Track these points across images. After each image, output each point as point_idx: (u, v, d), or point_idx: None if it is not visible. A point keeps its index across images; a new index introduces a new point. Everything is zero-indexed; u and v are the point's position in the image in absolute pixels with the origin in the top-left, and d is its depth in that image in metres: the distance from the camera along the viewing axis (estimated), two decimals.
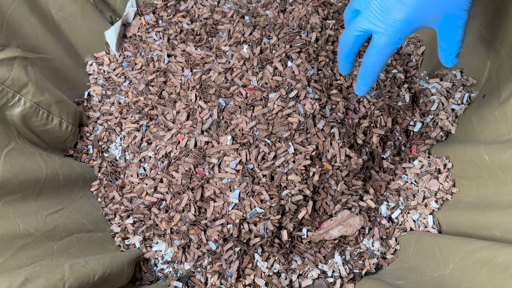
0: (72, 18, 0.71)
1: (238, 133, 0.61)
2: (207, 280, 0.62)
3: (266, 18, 0.71)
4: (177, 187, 0.62)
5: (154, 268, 0.65)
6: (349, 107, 0.64)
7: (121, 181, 0.68)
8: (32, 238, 0.53)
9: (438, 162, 0.65)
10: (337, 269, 0.62)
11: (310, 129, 0.60)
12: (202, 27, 0.73)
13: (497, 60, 0.61)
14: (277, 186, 0.59)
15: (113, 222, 0.67)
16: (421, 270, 0.56)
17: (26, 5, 0.64)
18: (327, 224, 0.62)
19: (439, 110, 0.68)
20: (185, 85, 0.67)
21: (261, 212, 0.58)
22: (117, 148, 0.71)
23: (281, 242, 0.61)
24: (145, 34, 0.76)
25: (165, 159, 0.64)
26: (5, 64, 0.59)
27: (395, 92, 0.67)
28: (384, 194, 0.65)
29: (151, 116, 0.68)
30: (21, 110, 0.61)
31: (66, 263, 0.50)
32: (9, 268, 0.48)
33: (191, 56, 0.69)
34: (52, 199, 0.60)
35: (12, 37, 0.62)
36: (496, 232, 0.51)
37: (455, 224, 0.59)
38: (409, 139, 0.68)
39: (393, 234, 0.64)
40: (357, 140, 0.63)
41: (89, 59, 0.76)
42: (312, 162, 0.60)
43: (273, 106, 0.61)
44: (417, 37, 0.73)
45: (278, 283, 0.61)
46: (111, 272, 0.55)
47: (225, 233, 0.59)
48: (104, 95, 0.75)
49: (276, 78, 0.63)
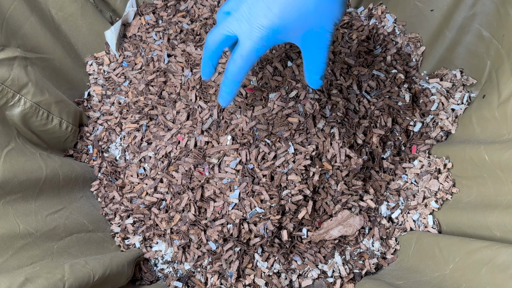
0: (72, 18, 0.71)
1: (238, 133, 0.61)
2: (207, 280, 0.62)
3: None
4: (177, 187, 0.62)
5: (154, 268, 0.65)
6: (349, 107, 0.64)
7: (121, 181, 0.68)
8: (32, 238, 0.53)
9: (438, 162, 0.65)
10: (337, 269, 0.62)
11: (310, 129, 0.60)
12: (202, 27, 0.73)
13: (497, 60, 0.61)
14: (277, 186, 0.59)
15: (113, 222, 0.67)
16: (421, 270, 0.56)
17: (26, 5, 0.64)
18: (327, 224, 0.62)
19: (439, 110, 0.68)
20: (185, 85, 0.67)
21: (261, 212, 0.58)
22: (117, 148, 0.71)
23: (281, 242, 0.61)
24: (145, 34, 0.76)
25: (165, 159, 0.64)
26: (5, 64, 0.59)
27: (395, 92, 0.67)
28: (384, 194, 0.65)
29: (151, 116, 0.68)
30: (21, 110, 0.61)
31: (66, 263, 0.50)
32: (9, 268, 0.48)
33: (191, 56, 0.69)
34: (52, 199, 0.60)
35: (12, 37, 0.62)
36: (496, 232, 0.51)
37: (455, 224, 0.59)
38: (409, 139, 0.68)
39: (393, 234, 0.64)
40: (357, 140, 0.63)
41: (89, 59, 0.76)
42: (312, 162, 0.60)
43: (273, 106, 0.61)
44: (417, 37, 0.73)
45: (278, 283, 0.61)
46: (111, 272, 0.55)
47: (225, 233, 0.59)
48: (104, 95, 0.75)
49: (276, 78, 0.63)
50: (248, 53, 0.44)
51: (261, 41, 0.43)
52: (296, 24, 0.42)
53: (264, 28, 0.42)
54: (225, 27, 0.45)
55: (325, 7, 0.42)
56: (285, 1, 0.41)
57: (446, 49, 0.69)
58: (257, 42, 0.43)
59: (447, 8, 0.66)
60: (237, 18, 0.44)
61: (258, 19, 0.42)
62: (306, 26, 0.43)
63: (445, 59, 0.70)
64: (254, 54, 0.44)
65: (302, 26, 0.43)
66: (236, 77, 0.46)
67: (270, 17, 0.42)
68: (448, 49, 0.69)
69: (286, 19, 0.42)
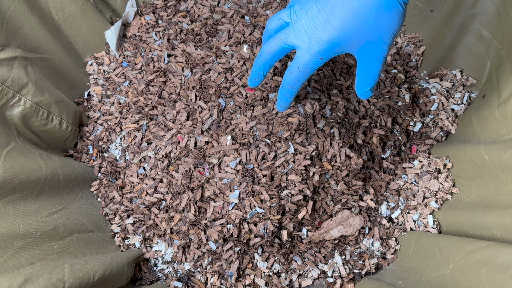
0: (72, 18, 0.71)
1: (238, 133, 0.61)
2: (207, 280, 0.62)
3: (266, 18, 0.71)
4: (177, 187, 0.62)
5: (154, 268, 0.65)
6: (349, 107, 0.64)
7: (121, 181, 0.68)
8: (32, 238, 0.53)
9: (438, 162, 0.65)
10: (337, 269, 0.62)
11: (310, 129, 0.60)
12: (202, 27, 0.73)
13: (497, 60, 0.61)
14: (277, 186, 0.59)
15: (113, 222, 0.67)
16: (421, 270, 0.56)
17: (26, 5, 0.64)
18: (327, 224, 0.62)
19: (439, 110, 0.68)
20: (185, 85, 0.67)
21: (261, 212, 0.58)
22: (117, 148, 0.71)
23: (281, 242, 0.61)
24: (145, 34, 0.76)
25: (165, 159, 0.64)
26: (5, 64, 0.59)
27: (395, 92, 0.67)
28: (384, 194, 0.65)
29: (151, 116, 0.68)
30: (21, 110, 0.61)
31: (66, 263, 0.50)
32: (9, 268, 0.48)
33: (191, 56, 0.69)
34: (52, 199, 0.60)
35: (12, 37, 0.62)
36: (496, 232, 0.51)
37: (455, 224, 0.59)
38: (409, 139, 0.68)
39: (393, 234, 0.64)
40: (357, 140, 0.63)
41: (89, 59, 0.76)
42: (312, 162, 0.60)
43: (273, 106, 0.61)
44: (417, 37, 0.73)
45: (278, 283, 0.61)
46: (111, 272, 0.55)
47: (225, 233, 0.59)
48: (104, 95, 0.75)
49: (276, 78, 0.63)
50: (305, 66, 0.45)
51: (319, 54, 0.43)
52: (355, 37, 0.42)
53: (323, 42, 0.42)
54: (282, 38, 0.45)
55: (385, 19, 0.41)
56: (344, 15, 0.41)
57: (446, 49, 0.69)
58: (315, 56, 0.43)
59: (447, 8, 0.66)
60: (296, 30, 0.44)
61: (317, 33, 0.42)
62: (365, 38, 0.42)
63: (445, 59, 0.70)
64: (310, 67, 0.45)
65: (360, 39, 0.42)
66: (292, 87, 0.47)
67: (329, 31, 0.42)
68: (448, 49, 0.69)
69: (345, 32, 0.42)
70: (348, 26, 0.41)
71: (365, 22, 0.41)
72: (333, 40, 0.42)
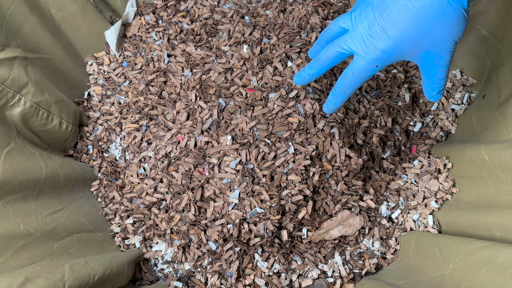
0: (72, 18, 0.71)
1: (238, 133, 0.61)
2: (207, 280, 0.62)
3: (266, 18, 0.71)
4: (177, 187, 0.62)
5: (154, 268, 0.65)
6: (349, 107, 0.64)
7: (121, 181, 0.68)
8: (32, 238, 0.53)
9: (438, 162, 0.65)
10: (337, 269, 0.62)
11: (310, 129, 0.60)
12: (202, 27, 0.73)
13: (497, 60, 0.61)
14: (277, 186, 0.59)
15: (113, 222, 0.67)
16: (421, 270, 0.56)
17: (26, 5, 0.64)
18: (327, 224, 0.62)
19: (439, 110, 0.68)
20: (185, 85, 0.67)
21: (261, 212, 0.58)
22: (117, 148, 0.71)
23: (281, 242, 0.61)
24: (145, 34, 0.76)
25: (165, 159, 0.64)
26: (5, 64, 0.59)
27: (395, 92, 0.67)
28: (384, 194, 0.65)
29: (151, 116, 0.68)
30: (21, 110, 0.61)
31: (66, 263, 0.50)
32: (9, 268, 0.48)
33: (191, 56, 0.69)
34: (52, 199, 0.60)
35: (12, 37, 0.62)
36: (496, 232, 0.51)
37: (455, 224, 0.59)
38: (409, 139, 0.68)
39: (393, 234, 0.64)
40: (357, 140, 0.63)
41: (89, 59, 0.76)
42: (312, 162, 0.60)
43: (273, 106, 0.61)
44: None
45: (278, 283, 0.61)
46: (111, 272, 0.55)
47: (225, 233, 0.59)
48: (104, 95, 0.75)
49: (276, 78, 0.63)
50: (359, 72, 0.45)
51: (374, 62, 0.43)
52: (412, 45, 0.42)
53: (379, 51, 0.42)
54: (341, 44, 0.45)
55: (443, 26, 0.40)
56: (400, 24, 0.41)
57: None
58: (370, 63, 0.44)
59: None
60: (355, 37, 0.44)
61: (373, 41, 0.42)
62: (423, 47, 0.42)
63: None
64: (365, 73, 0.45)
65: (418, 48, 0.42)
66: (344, 91, 0.48)
67: (385, 39, 0.42)
68: None
69: (401, 41, 0.41)
70: (404, 36, 0.41)
71: (422, 30, 0.40)
72: (389, 49, 0.42)
